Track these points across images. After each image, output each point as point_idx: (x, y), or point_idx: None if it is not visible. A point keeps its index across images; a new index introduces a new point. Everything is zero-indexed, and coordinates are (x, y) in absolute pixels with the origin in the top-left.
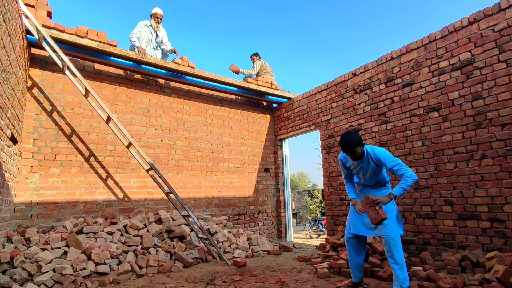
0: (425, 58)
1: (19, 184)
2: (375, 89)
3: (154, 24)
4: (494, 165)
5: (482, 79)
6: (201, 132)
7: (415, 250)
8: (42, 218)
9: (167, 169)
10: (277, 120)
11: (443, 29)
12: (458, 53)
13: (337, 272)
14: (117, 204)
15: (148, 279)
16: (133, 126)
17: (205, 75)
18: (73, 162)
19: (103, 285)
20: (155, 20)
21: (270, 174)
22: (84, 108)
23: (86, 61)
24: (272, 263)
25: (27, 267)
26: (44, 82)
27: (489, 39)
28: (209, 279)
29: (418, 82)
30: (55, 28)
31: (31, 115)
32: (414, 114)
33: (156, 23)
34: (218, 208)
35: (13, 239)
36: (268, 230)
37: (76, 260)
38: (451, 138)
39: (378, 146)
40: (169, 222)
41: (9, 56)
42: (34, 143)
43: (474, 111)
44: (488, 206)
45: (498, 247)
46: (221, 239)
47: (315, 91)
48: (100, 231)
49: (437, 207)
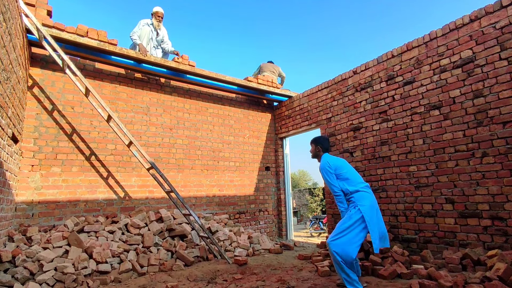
0: (426, 56)
1: (20, 183)
2: (376, 87)
3: (155, 22)
4: (495, 163)
5: (484, 77)
6: (202, 130)
7: (416, 248)
8: (43, 217)
9: (168, 168)
10: (278, 119)
11: (444, 27)
12: (459, 50)
13: None
14: (118, 203)
15: (149, 278)
16: (134, 125)
17: (206, 74)
18: (74, 161)
19: (105, 283)
20: (156, 18)
21: (271, 172)
22: (85, 107)
23: (87, 60)
24: (273, 262)
25: (28, 266)
26: (44, 81)
27: (491, 36)
28: (210, 278)
29: (419, 80)
30: (55, 27)
31: (31, 114)
32: (415, 112)
33: (157, 21)
34: (219, 206)
35: (14, 238)
36: (269, 228)
37: (77, 259)
38: (452, 136)
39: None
40: (170, 221)
41: (10, 55)
42: (35, 142)
43: (475, 109)
44: (489, 204)
45: (499, 245)
46: (222, 238)
47: (315, 90)
48: (101, 230)
49: (438, 205)
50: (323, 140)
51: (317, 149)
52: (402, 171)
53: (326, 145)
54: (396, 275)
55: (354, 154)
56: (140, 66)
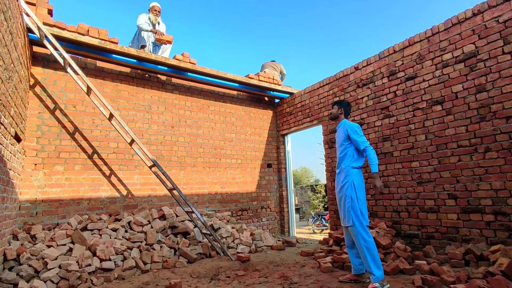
0: (428, 51)
1: (24, 182)
2: (378, 83)
3: (152, 17)
4: (498, 158)
5: (486, 71)
6: (203, 128)
7: (419, 244)
8: (47, 216)
9: (170, 165)
10: (279, 116)
11: (447, 21)
12: (462, 45)
13: (341, 266)
14: (121, 201)
15: (152, 275)
16: (136, 123)
17: (207, 71)
18: (77, 159)
19: (109, 281)
20: (153, 13)
21: (273, 169)
22: (87, 106)
23: (88, 59)
24: (275, 258)
25: (33, 264)
26: (46, 80)
27: (494, 30)
28: (213, 274)
29: (421, 76)
30: (56, 25)
31: (34, 113)
32: (417, 107)
33: (155, 15)
34: (221, 204)
35: (19, 236)
36: (271, 225)
37: (81, 257)
38: (455, 132)
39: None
40: (172, 218)
41: (11, 55)
42: (37, 141)
43: (478, 104)
44: (492, 199)
45: (502, 240)
46: (224, 235)
47: (317, 86)
48: (104, 228)
49: (440, 200)
50: (347, 105)
51: (340, 111)
52: (404, 167)
53: (348, 111)
54: (399, 270)
55: None
56: (141, 64)
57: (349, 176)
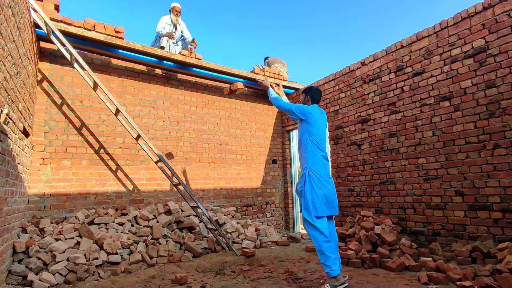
0: (436, 46)
1: (32, 176)
2: (385, 78)
3: (173, 17)
4: (508, 155)
5: (496, 67)
6: (209, 124)
7: (424, 241)
8: (55, 209)
9: (175, 161)
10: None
11: (456, 16)
12: (471, 40)
13: (345, 262)
14: (127, 195)
15: (158, 269)
16: (141, 118)
17: (212, 67)
18: (84, 154)
19: (115, 274)
20: (174, 13)
21: (278, 165)
22: (93, 101)
23: (94, 54)
24: (280, 254)
25: (42, 257)
26: (53, 76)
27: (505, 24)
28: (218, 269)
29: (429, 71)
30: (63, 21)
31: (41, 108)
32: (424, 103)
33: (175, 16)
34: (226, 199)
35: (27, 230)
36: (276, 221)
37: (88, 250)
38: (463, 128)
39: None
40: (178, 213)
41: (19, 50)
42: (45, 136)
43: (487, 100)
44: (500, 196)
45: (510, 238)
46: (229, 230)
47: (323, 82)
48: (111, 222)
49: (447, 197)
50: (315, 90)
51: (306, 99)
52: (410, 163)
53: (317, 97)
54: (404, 267)
55: (362, 147)
56: (147, 60)
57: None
